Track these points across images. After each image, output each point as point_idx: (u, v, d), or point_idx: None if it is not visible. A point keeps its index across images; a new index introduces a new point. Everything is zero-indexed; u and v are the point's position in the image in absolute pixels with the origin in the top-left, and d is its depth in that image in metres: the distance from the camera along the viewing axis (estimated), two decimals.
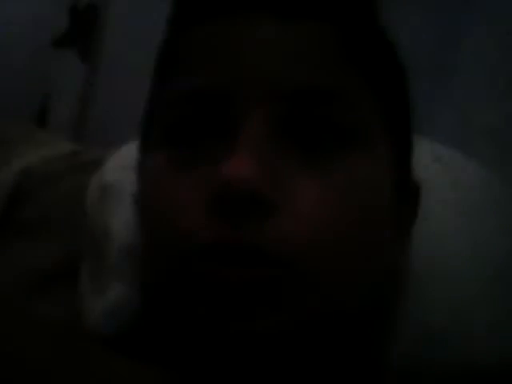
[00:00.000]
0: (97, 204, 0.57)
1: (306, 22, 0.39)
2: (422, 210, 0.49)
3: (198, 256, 0.36)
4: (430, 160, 0.58)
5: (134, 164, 0.46)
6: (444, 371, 0.48)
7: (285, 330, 0.36)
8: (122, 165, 0.57)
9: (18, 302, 0.53)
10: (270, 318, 0.36)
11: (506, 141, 0.74)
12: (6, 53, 1.12)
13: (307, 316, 0.37)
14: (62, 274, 0.55)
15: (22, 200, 0.61)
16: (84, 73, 1.13)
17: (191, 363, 0.40)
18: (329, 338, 0.40)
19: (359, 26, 0.42)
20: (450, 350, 0.48)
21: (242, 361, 0.38)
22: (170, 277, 0.39)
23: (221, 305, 0.36)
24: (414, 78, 0.46)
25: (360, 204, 0.38)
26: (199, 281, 0.37)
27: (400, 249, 0.46)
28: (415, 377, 0.48)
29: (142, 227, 0.43)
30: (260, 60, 0.38)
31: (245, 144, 0.36)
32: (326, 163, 0.38)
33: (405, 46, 0.46)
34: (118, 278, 0.52)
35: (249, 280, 0.35)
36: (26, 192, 0.60)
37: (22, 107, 1.13)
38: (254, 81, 0.38)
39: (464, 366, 0.48)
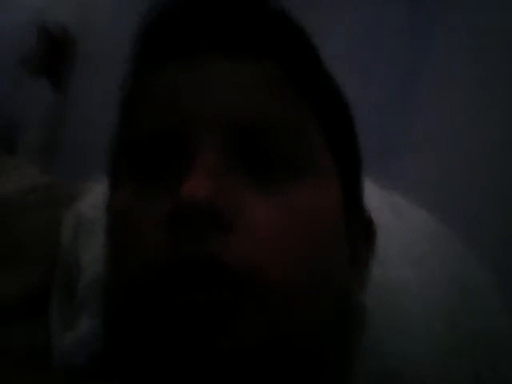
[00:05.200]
0: (71, 238, 0.59)
1: (253, 59, 0.43)
2: (380, 255, 0.52)
3: (158, 281, 0.38)
4: (385, 208, 0.62)
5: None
6: None
7: (238, 350, 0.38)
8: (96, 202, 0.59)
9: None
10: (226, 337, 0.38)
11: None
12: None
13: (260, 337, 0.38)
14: (35, 303, 0.57)
15: None
16: (54, 102, 1.14)
17: None
18: (278, 364, 0.40)
19: (303, 64, 0.45)
20: None
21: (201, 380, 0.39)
22: (132, 304, 0.40)
23: (181, 326, 0.38)
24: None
25: (308, 226, 0.41)
26: (159, 306, 0.39)
27: (356, 281, 0.48)
28: None
29: (109, 260, 0.45)
30: (210, 95, 0.41)
31: (199, 168, 0.39)
32: (276, 188, 0.41)
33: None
34: (87, 312, 0.53)
35: (207, 304, 0.37)
36: (1, 222, 0.62)
37: None
38: (205, 113, 0.41)
39: None
